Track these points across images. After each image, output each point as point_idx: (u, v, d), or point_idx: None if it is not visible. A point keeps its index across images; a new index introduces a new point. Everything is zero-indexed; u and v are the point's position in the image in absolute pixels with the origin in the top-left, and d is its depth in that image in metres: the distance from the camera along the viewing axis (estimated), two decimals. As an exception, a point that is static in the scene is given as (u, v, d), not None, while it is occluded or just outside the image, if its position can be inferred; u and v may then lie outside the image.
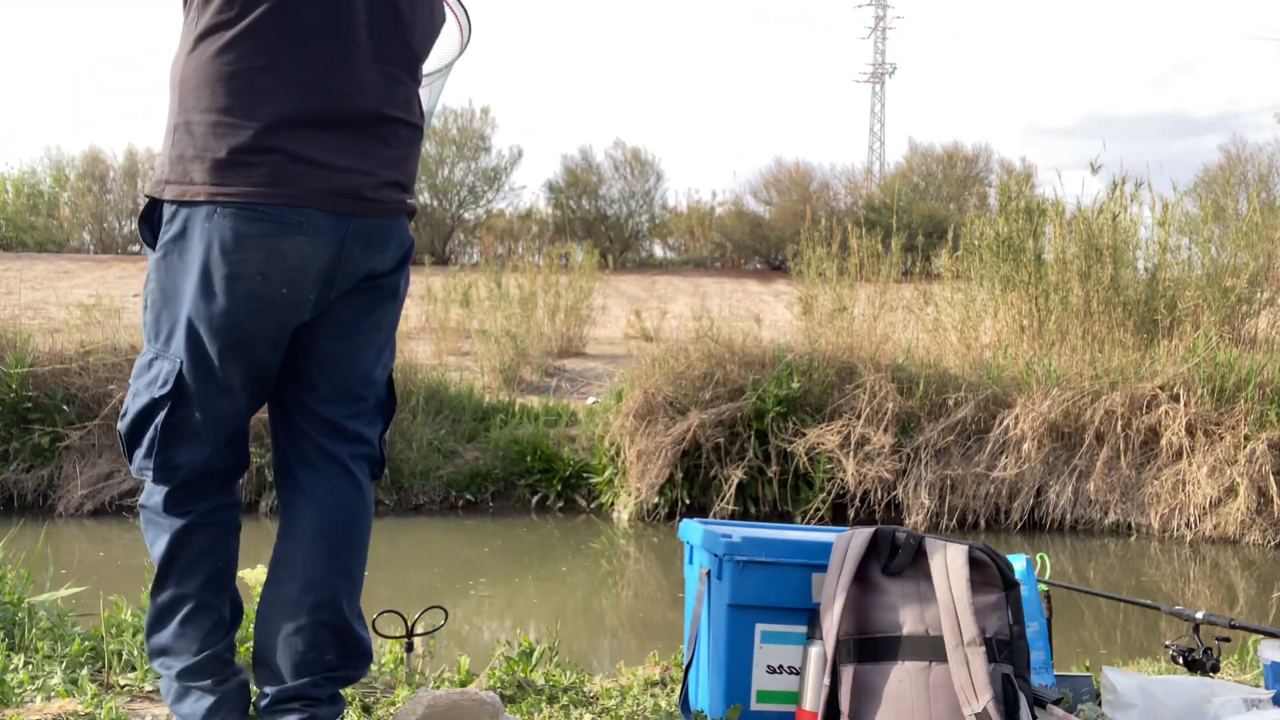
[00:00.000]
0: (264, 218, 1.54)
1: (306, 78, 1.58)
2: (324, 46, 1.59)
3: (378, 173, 1.66)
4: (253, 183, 1.54)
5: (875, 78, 41.29)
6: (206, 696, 1.63)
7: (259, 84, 1.55)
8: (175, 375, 1.59)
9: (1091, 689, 2.24)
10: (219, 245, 1.54)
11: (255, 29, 1.55)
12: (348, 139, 1.62)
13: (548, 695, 2.23)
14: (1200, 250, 8.68)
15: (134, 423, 1.63)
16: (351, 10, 1.61)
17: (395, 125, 1.69)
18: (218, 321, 1.57)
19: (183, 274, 1.57)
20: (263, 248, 1.55)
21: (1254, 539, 6.56)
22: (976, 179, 20.43)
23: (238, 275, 1.55)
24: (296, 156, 1.56)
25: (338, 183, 1.60)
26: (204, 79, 1.56)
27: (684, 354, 7.49)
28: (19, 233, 19.86)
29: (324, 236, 1.59)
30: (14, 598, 2.47)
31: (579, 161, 20.72)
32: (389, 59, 1.66)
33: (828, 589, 1.90)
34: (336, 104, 1.60)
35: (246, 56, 1.55)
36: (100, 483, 7.15)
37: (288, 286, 1.59)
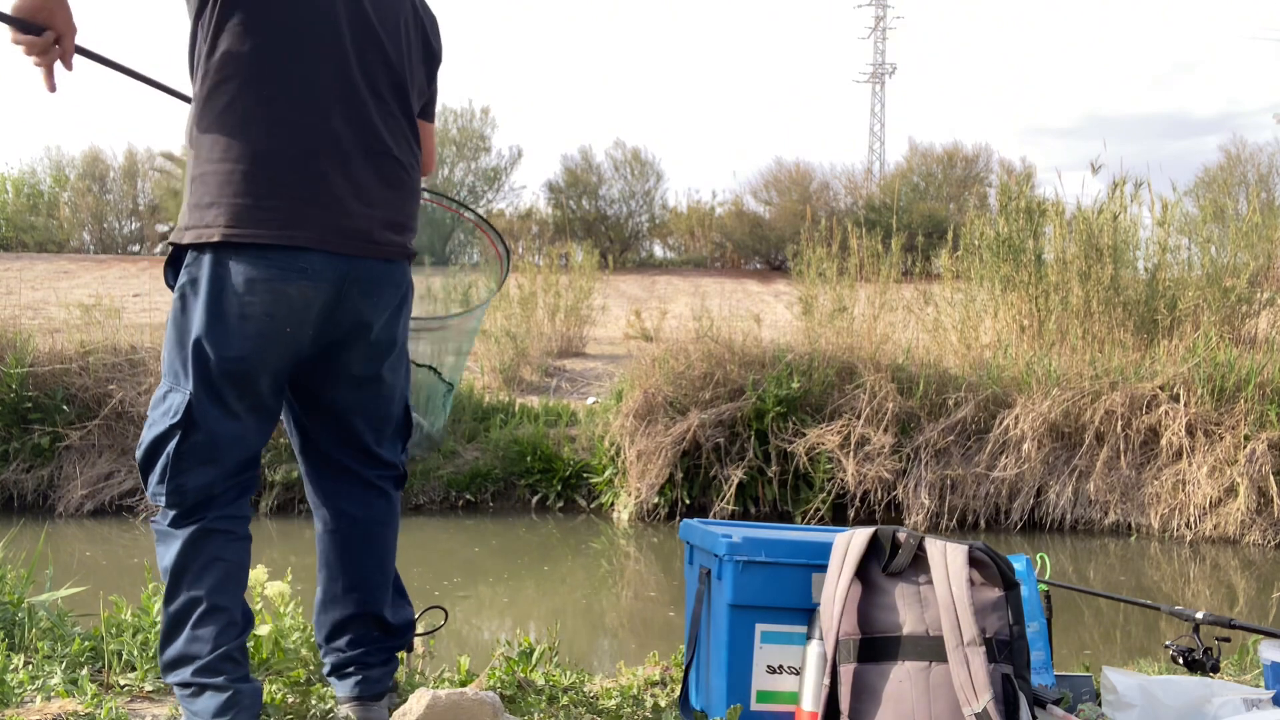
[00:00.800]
0: (271, 264, 1.70)
1: (308, 126, 1.73)
2: (321, 96, 1.74)
3: (382, 214, 1.82)
4: (264, 225, 1.70)
5: (875, 78, 41.29)
6: (219, 694, 1.69)
7: (263, 134, 1.71)
8: (185, 405, 1.71)
9: (1091, 689, 2.24)
10: (230, 288, 1.70)
11: (254, 84, 1.70)
12: (351, 182, 1.77)
13: (548, 695, 2.23)
14: (1200, 250, 8.68)
15: (148, 451, 1.75)
16: (345, 62, 1.76)
17: (394, 166, 1.85)
18: (227, 356, 1.71)
19: (196, 314, 1.72)
20: (270, 291, 1.71)
21: (1254, 539, 6.56)
22: (976, 179, 20.42)
23: (247, 315, 1.71)
24: (303, 199, 1.72)
25: (343, 224, 1.76)
26: (214, 134, 1.71)
27: (684, 354, 7.49)
28: (19, 233, 19.87)
29: (325, 280, 1.75)
30: (14, 598, 2.47)
31: (579, 161, 20.73)
32: (385, 106, 1.83)
33: (828, 589, 1.90)
34: (338, 149, 1.75)
35: (249, 110, 1.70)
36: (100, 483, 7.15)
37: (291, 325, 1.75)
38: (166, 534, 1.76)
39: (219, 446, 1.74)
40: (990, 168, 20.72)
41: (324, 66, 1.75)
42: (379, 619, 1.94)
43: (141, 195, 20.82)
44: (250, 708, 1.70)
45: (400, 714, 1.78)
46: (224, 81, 1.71)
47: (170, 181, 19.28)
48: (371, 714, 1.87)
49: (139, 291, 14.09)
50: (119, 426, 7.36)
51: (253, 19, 1.70)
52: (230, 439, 1.76)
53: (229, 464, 1.76)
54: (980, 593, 1.80)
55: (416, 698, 1.76)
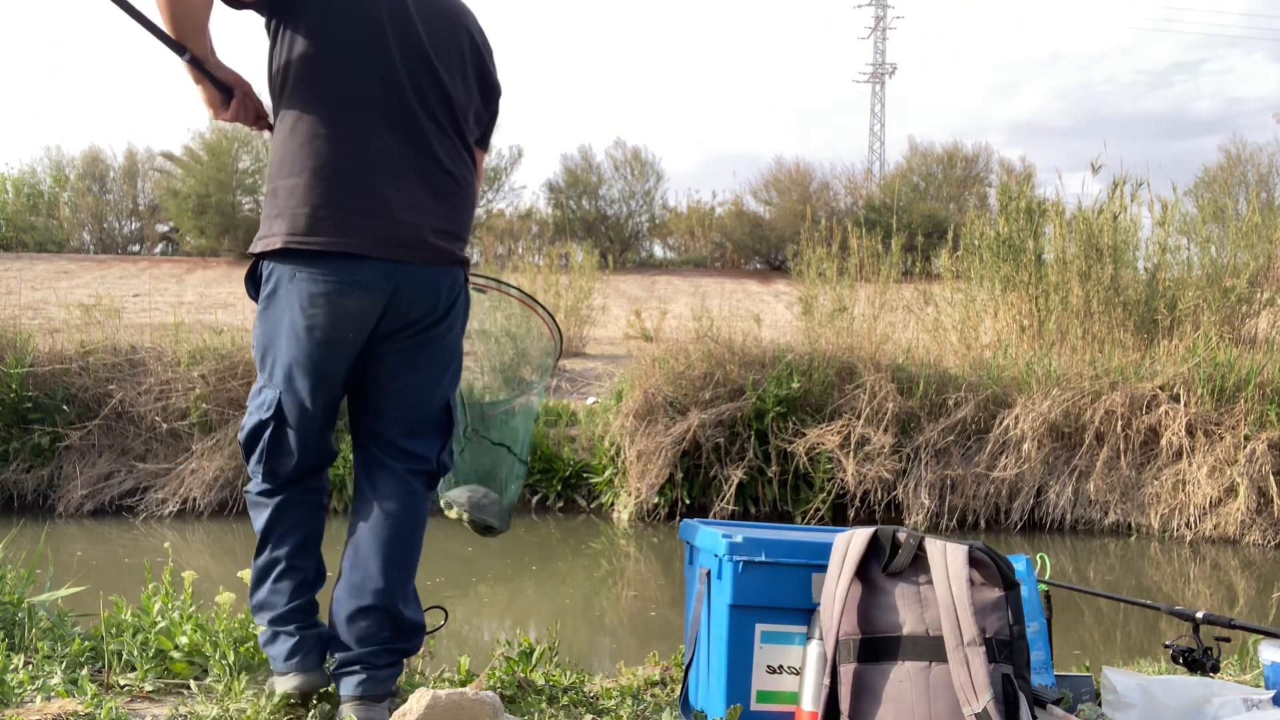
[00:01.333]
0: (329, 278, 1.90)
1: (362, 143, 1.93)
2: (374, 116, 1.94)
3: (432, 222, 2.00)
4: (318, 233, 1.90)
5: (875, 78, 41.29)
6: (290, 639, 1.99)
7: (321, 151, 1.91)
8: (276, 401, 1.99)
9: (1091, 689, 2.24)
10: (298, 303, 1.92)
11: (315, 107, 1.92)
12: (403, 194, 1.95)
13: (548, 695, 2.23)
14: (1200, 250, 8.68)
15: (249, 436, 2.03)
16: (398, 85, 1.95)
17: (445, 179, 2.03)
18: (303, 362, 1.96)
19: (276, 324, 1.97)
20: (329, 303, 1.92)
21: (1254, 539, 6.56)
22: (976, 179, 20.41)
23: (313, 326, 1.93)
24: (355, 209, 1.91)
25: (393, 233, 1.94)
26: (284, 153, 1.94)
27: (684, 354, 7.49)
28: (19, 233, 19.86)
29: (379, 289, 1.94)
30: (14, 598, 2.47)
31: (579, 161, 20.71)
32: (438, 124, 2.01)
33: (828, 589, 1.90)
34: (390, 164, 1.95)
35: (310, 130, 1.92)
36: (100, 483, 7.15)
37: (353, 332, 1.96)
38: (257, 502, 2.05)
39: (302, 434, 2.01)
40: (990, 168, 20.71)
41: (378, 89, 1.94)
42: (391, 615, 1.98)
43: (141, 195, 20.81)
44: (315, 649, 1.99)
45: (400, 714, 1.78)
46: (290, 106, 1.94)
47: (170, 181, 19.27)
48: (373, 714, 1.92)
49: (139, 291, 14.09)
50: (119, 426, 7.36)
51: (312, 48, 1.91)
52: (309, 428, 2.01)
53: (310, 446, 2.03)
54: (980, 593, 1.80)
55: (416, 698, 1.76)
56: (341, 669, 1.97)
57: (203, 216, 18.41)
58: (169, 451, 7.29)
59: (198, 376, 7.35)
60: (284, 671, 1.99)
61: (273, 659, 2.01)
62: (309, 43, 1.91)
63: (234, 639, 2.28)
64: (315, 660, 2.01)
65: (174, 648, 2.29)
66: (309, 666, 1.99)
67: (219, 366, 7.41)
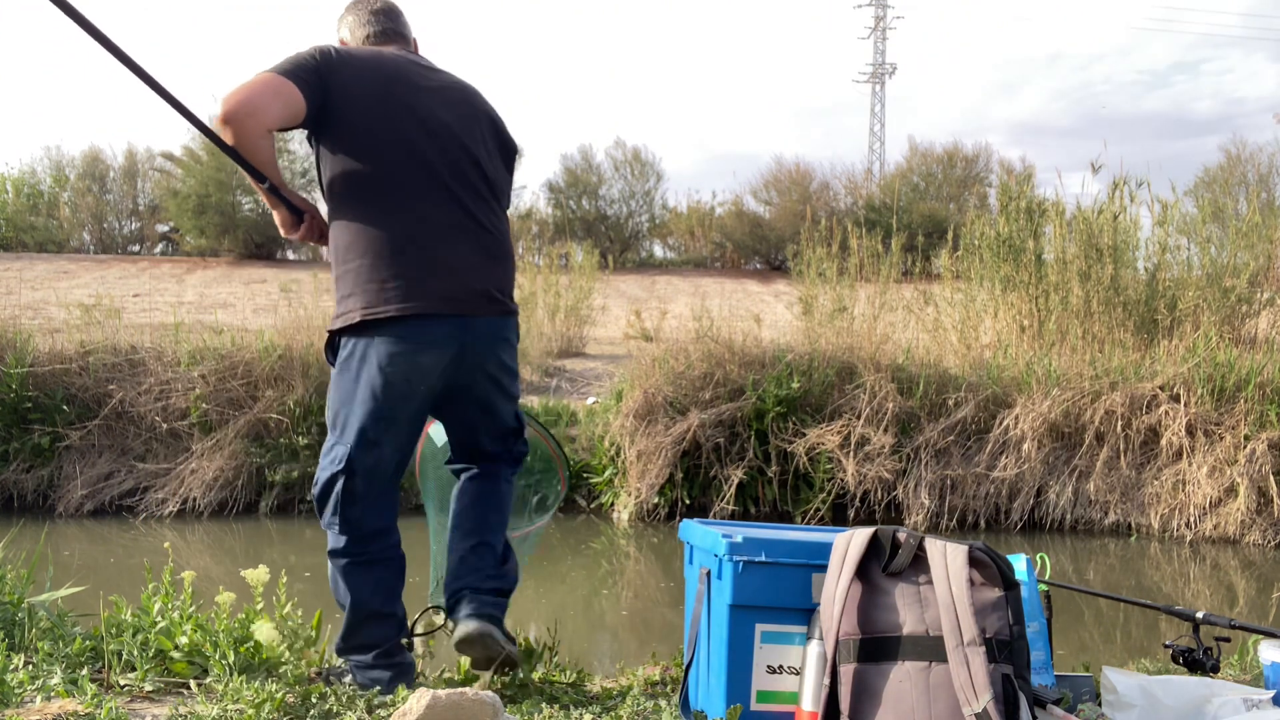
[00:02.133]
0: (405, 339, 2.15)
1: (412, 220, 2.18)
2: (419, 196, 2.20)
3: (484, 278, 2.27)
4: (391, 302, 2.14)
5: (875, 78, 41.28)
6: (391, 669, 2.20)
7: (380, 233, 2.17)
8: (348, 455, 2.18)
9: (1091, 689, 2.24)
10: (376, 362, 2.16)
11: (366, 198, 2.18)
12: (457, 257, 2.22)
13: (548, 695, 2.23)
14: (1200, 250, 8.68)
15: (322, 490, 2.22)
16: (434, 166, 2.22)
17: (490, 240, 2.30)
18: (377, 414, 2.18)
19: (352, 383, 2.19)
20: (406, 362, 2.17)
21: (1254, 539, 6.56)
22: (976, 179, 20.40)
23: (390, 382, 2.17)
24: (419, 277, 2.16)
25: (456, 292, 2.20)
26: (346, 240, 2.20)
27: (684, 354, 7.49)
28: (19, 233, 19.85)
29: (450, 345, 2.21)
30: (14, 598, 2.47)
31: (579, 161, 20.70)
32: (477, 193, 2.29)
33: (828, 589, 1.90)
34: (441, 234, 2.21)
35: (370, 216, 2.18)
36: (100, 483, 7.15)
37: (426, 385, 2.22)
38: (342, 559, 2.22)
39: (371, 484, 2.21)
40: (990, 168, 20.69)
41: (422, 174, 2.21)
42: (494, 551, 2.34)
43: (141, 195, 20.80)
44: (410, 674, 2.23)
45: (400, 714, 1.78)
46: (346, 200, 2.21)
47: (170, 181, 19.27)
48: (484, 628, 2.21)
49: (139, 291, 14.09)
50: (119, 426, 7.36)
51: (360, 151, 2.18)
52: (380, 479, 2.24)
53: (378, 496, 2.24)
54: (980, 593, 1.80)
55: (416, 698, 1.76)
56: (452, 601, 2.29)
57: (203, 216, 18.41)
58: (169, 451, 7.29)
59: (198, 376, 7.35)
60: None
61: (375, 681, 2.20)
62: (357, 147, 2.18)
63: (234, 639, 2.28)
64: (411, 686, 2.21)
65: (174, 648, 2.29)
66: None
67: (219, 366, 7.41)
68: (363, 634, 2.23)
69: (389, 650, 2.23)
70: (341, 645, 2.27)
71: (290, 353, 7.55)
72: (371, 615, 2.22)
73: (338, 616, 2.33)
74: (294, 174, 19.29)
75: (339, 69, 2.16)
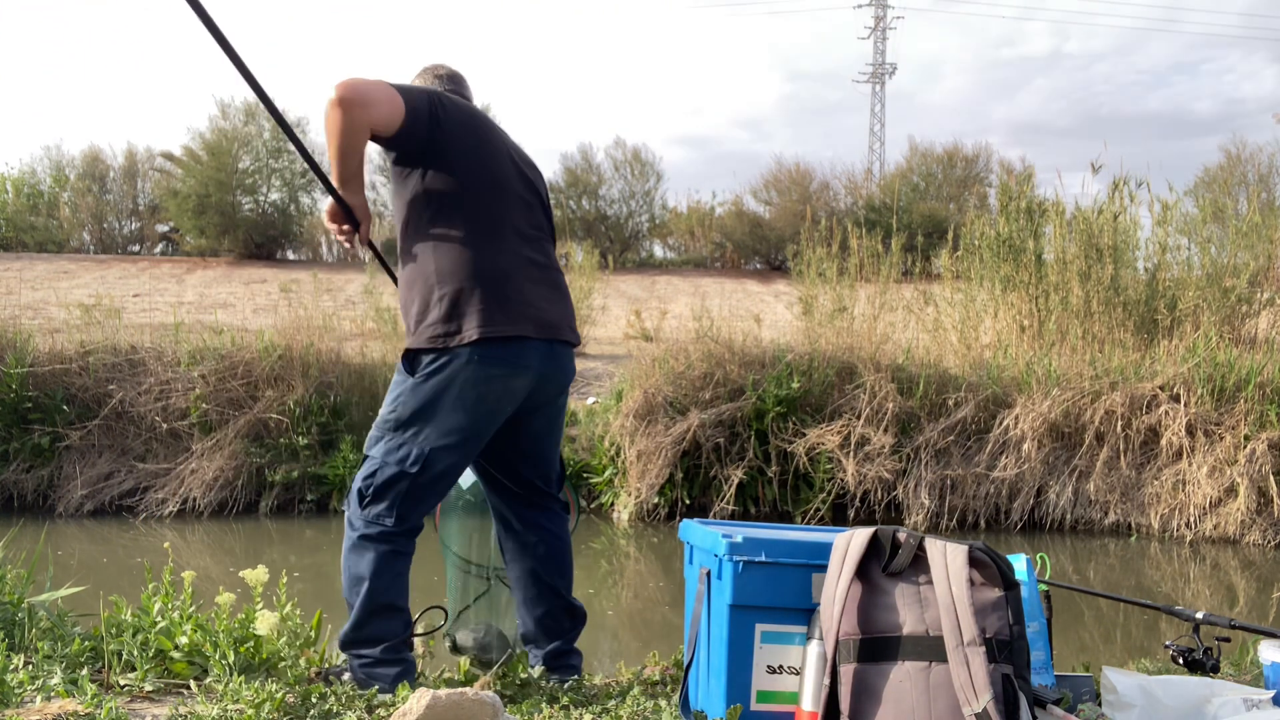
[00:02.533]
0: (505, 364, 2.28)
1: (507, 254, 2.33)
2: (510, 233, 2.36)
3: (561, 312, 2.45)
4: (496, 325, 2.26)
5: (875, 78, 41.27)
6: (396, 666, 2.26)
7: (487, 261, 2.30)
8: (424, 459, 2.26)
9: (1091, 689, 2.24)
10: (473, 380, 2.26)
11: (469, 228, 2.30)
12: (539, 292, 2.38)
13: (548, 695, 2.23)
14: (1200, 250, 8.68)
15: (381, 484, 2.27)
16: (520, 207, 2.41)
17: (559, 279, 2.50)
18: (465, 428, 2.29)
19: (439, 395, 2.27)
20: (501, 382, 2.30)
21: (1254, 539, 6.56)
22: (976, 179, 20.40)
23: (482, 398, 2.29)
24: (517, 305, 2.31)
25: (545, 320, 2.36)
26: (438, 266, 2.29)
27: (684, 354, 7.49)
28: (19, 233, 19.84)
29: (535, 370, 2.35)
30: (14, 598, 2.47)
31: (579, 161, 20.69)
32: (546, 237, 2.49)
33: (828, 589, 1.90)
34: (528, 270, 2.37)
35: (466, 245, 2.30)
36: (100, 483, 7.15)
37: (510, 405, 2.36)
38: (364, 545, 2.27)
39: (437, 490, 2.34)
40: (990, 168, 20.69)
41: (510, 212, 2.38)
42: (568, 607, 2.56)
43: (141, 195, 20.80)
44: (411, 673, 2.29)
45: (400, 714, 1.78)
46: (439, 226, 2.31)
47: (170, 181, 19.26)
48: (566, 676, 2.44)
49: (139, 291, 14.09)
50: (119, 426, 7.36)
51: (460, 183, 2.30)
52: (445, 485, 2.36)
53: (435, 500, 2.38)
54: (980, 593, 1.80)
55: (416, 698, 1.76)
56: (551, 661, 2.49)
57: (203, 216, 18.40)
58: (169, 451, 7.29)
59: (198, 376, 7.35)
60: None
61: (376, 679, 2.25)
62: (457, 180, 2.31)
63: (234, 639, 2.28)
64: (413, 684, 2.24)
65: (174, 648, 2.29)
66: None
67: (219, 366, 7.41)
68: (373, 626, 2.27)
69: (395, 645, 2.28)
70: (350, 637, 2.29)
71: (290, 353, 7.55)
72: (385, 607, 2.27)
73: (338, 617, 2.33)
74: (294, 173, 19.29)
75: (450, 109, 2.33)
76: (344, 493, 7.14)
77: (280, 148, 18.98)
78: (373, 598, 2.26)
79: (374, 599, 2.26)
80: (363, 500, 2.28)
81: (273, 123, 18.96)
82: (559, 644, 2.53)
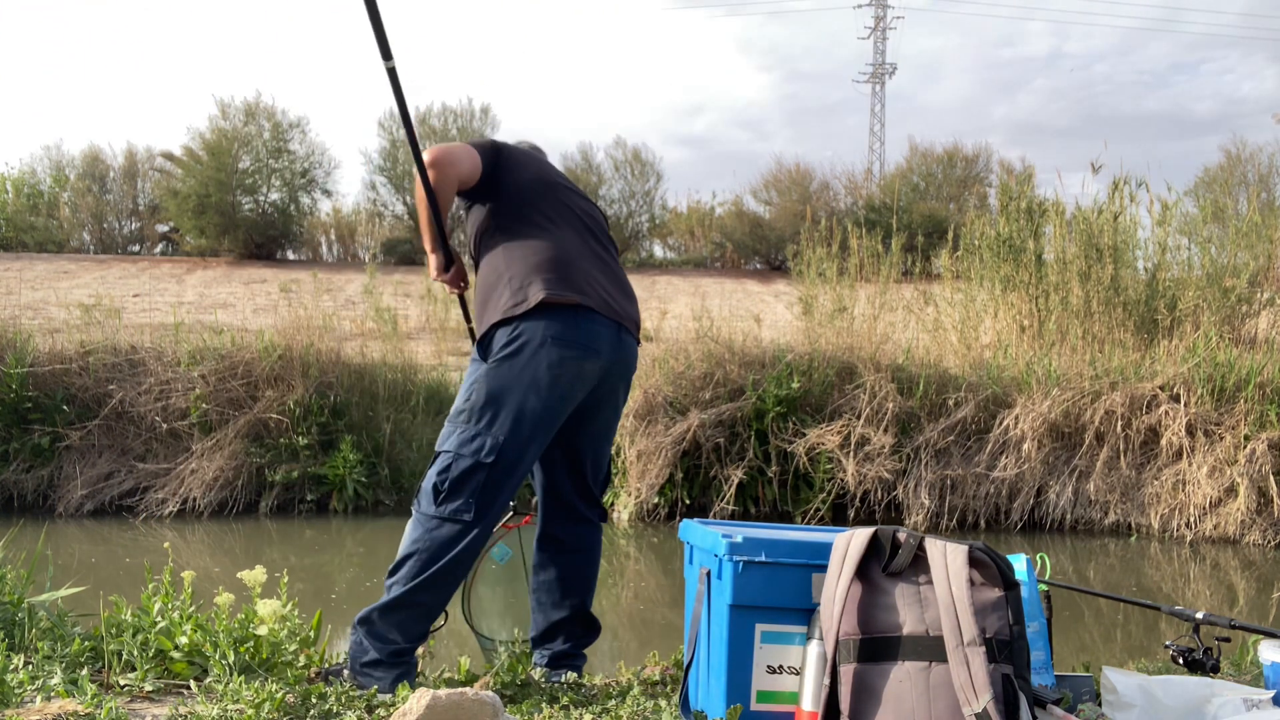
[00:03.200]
0: (574, 345, 2.31)
1: (574, 244, 2.45)
2: (575, 227, 2.50)
3: (626, 305, 2.52)
4: (564, 290, 2.32)
5: (875, 78, 41.27)
6: (396, 669, 2.24)
7: (549, 245, 2.41)
8: (499, 448, 2.25)
9: (1091, 689, 2.24)
10: (546, 362, 2.28)
11: (531, 229, 2.43)
12: (607, 278, 2.47)
13: (548, 695, 2.23)
14: (1200, 250, 8.68)
15: (456, 479, 2.26)
16: (580, 209, 2.56)
17: (623, 277, 2.57)
18: (538, 412, 2.28)
19: (515, 379, 2.28)
20: (575, 366, 2.32)
21: (1254, 539, 6.56)
22: (976, 179, 20.41)
23: (556, 380, 2.29)
24: (585, 281, 2.39)
25: (611, 303, 2.43)
26: (504, 260, 2.40)
27: (684, 354, 7.49)
28: (19, 233, 19.85)
29: (606, 358, 2.39)
30: (14, 598, 2.47)
31: (579, 161, 20.69)
32: (607, 239, 2.61)
33: (828, 589, 1.90)
34: (595, 259, 2.48)
35: (536, 231, 2.43)
36: (100, 483, 7.15)
37: (581, 391, 2.37)
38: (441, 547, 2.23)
39: (513, 480, 2.30)
40: (990, 168, 20.71)
41: (571, 219, 2.51)
42: (586, 618, 2.58)
43: (141, 195, 20.81)
44: (412, 673, 2.27)
45: (400, 714, 1.78)
46: (500, 235, 2.44)
47: (170, 181, 19.26)
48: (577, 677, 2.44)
49: (139, 291, 14.09)
50: (119, 426, 7.36)
51: (516, 201, 2.46)
52: (520, 475, 2.32)
53: (512, 493, 2.33)
54: (980, 593, 1.80)
55: (416, 698, 1.76)
56: (556, 661, 2.52)
57: (203, 216, 18.41)
58: (169, 451, 7.29)
59: (198, 376, 7.35)
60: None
61: (376, 680, 2.23)
62: (522, 198, 2.48)
63: (234, 639, 2.28)
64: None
65: (174, 648, 2.29)
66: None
67: (219, 366, 7.41)
68: (400, 616, 2.23)
69: (405, 651, 2.26)
70: (372, 618, 2.25)
71: (290, 353, 7.55)
72: (419, 605, 2.24)
73: (338, 617, 2.33)
74: (294, 173, 19.30)
75: (512, 148, 2.58)
76: (343, 493, 7.14)
77: (280, 148, 18.98)
78: (416, 593, 2.23)
79: (416, 594, 2.23)
80: (438, 496, 2.26)
81: (273, 124, 19.00)
82: (568, 646, 2.56)
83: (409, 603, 2.23)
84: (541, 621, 2.58)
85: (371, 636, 2.25)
